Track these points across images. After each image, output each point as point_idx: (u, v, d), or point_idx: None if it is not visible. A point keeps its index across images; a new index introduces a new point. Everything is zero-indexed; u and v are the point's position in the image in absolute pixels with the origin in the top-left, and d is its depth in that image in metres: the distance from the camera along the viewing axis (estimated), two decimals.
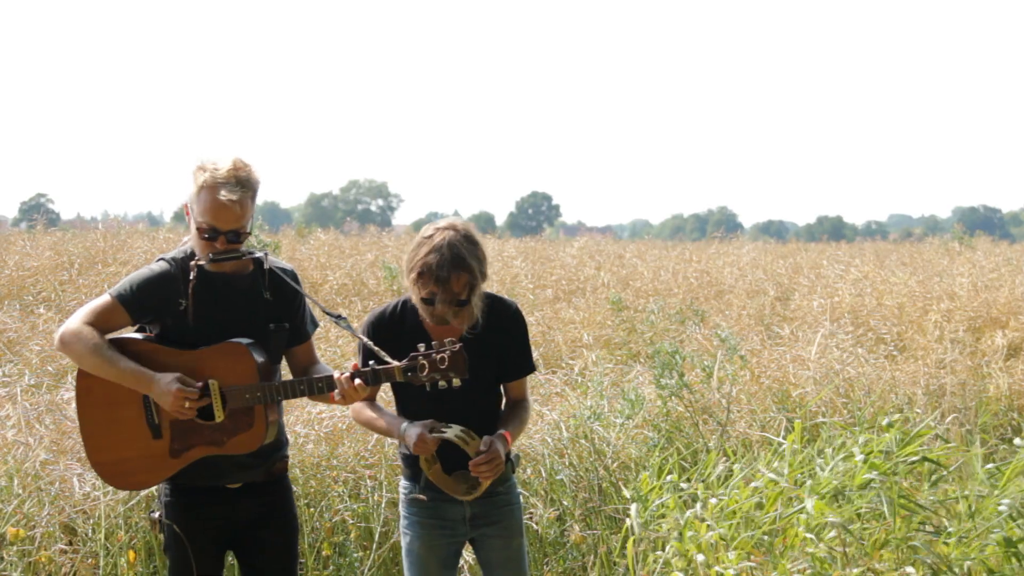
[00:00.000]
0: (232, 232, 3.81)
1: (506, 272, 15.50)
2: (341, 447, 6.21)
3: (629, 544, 5.34)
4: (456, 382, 3.78)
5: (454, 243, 3.88)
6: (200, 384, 3.77)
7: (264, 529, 4.00)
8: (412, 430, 3.88)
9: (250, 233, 3.90)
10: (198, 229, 3.81)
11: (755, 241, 27.24)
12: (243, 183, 3.79)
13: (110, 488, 5.41)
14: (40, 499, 5.35)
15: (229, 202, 3.75)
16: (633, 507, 5.47)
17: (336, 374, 3.81)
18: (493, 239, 23.05)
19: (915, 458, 5.24)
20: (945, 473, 5.50)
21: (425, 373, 3.76)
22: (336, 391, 3.80)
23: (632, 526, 5.38)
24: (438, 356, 3.75)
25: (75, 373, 7.26)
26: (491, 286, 4.14)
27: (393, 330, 4.01)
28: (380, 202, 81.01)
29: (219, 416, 3.80)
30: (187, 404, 3.73)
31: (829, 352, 8.88)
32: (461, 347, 3.76)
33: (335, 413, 6.29)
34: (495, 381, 4.11)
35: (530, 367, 4.17)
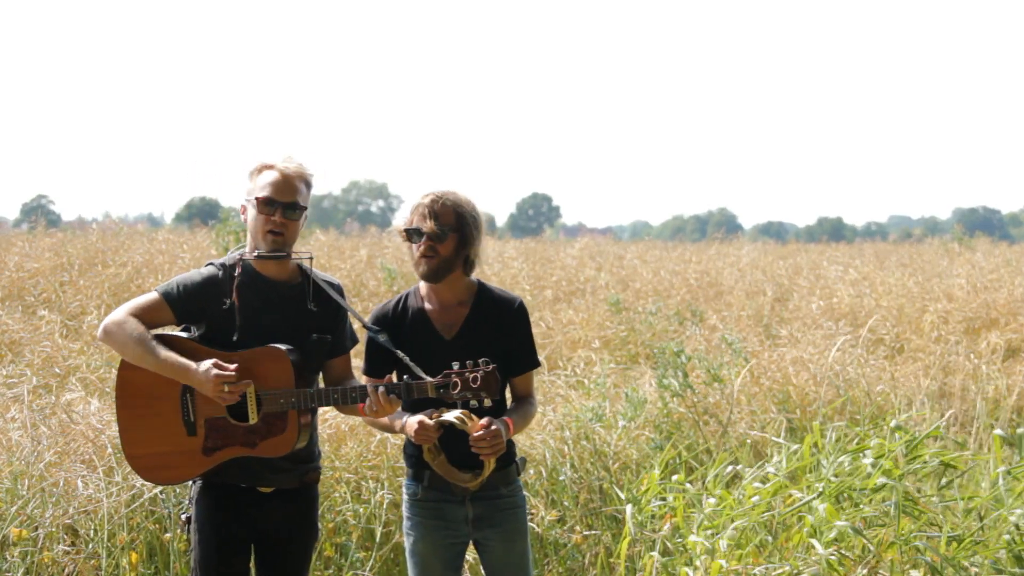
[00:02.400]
0: (289, 204, 3.93)
1: (506, 273, 15.51)
2: (343, 448, 6.23)
3: (623, 544, 5.35)
4: (487, 402, 3.78)
5: (448, 191, 4.05)
6: (235, 365, 3.82)
7: (287, 538, 4.05)
8: (412, 419, 3.89)
9: (305, 214, 4.01)
10: (257, 200, 3.93)
11: (755, 242, 27.23)
12: (298, 165, 3.99)
13: (113, 490, 5.43)
14: (44, 500, 5.37)
15: (286, 173, 3.94)
16: (628, 508, 5.48)
17: (370, 386, 3.83)
18: (493, 240, 23.07)
19: (933, 461, 5.26)
20: (959, 475, 5.52)
21: (457, 391, 3.77)
22: (367, 403, 3.83)
23: (629, 527, 5.39)
24: (471, 375, 3.76)
25: (78, 376, 7.34)
26: None
27: (396, 324, 4.05)
28: (380, 203, 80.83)
29: (253, 418, 3.85)
30: (227, 388, 3.78)
31: (828, 353, 8.90)
32: (495, 368, 3.78)
33: (338, 413, 6.29)
34: (501, 376, 4.11)
35: (535, 361, 4.19)
